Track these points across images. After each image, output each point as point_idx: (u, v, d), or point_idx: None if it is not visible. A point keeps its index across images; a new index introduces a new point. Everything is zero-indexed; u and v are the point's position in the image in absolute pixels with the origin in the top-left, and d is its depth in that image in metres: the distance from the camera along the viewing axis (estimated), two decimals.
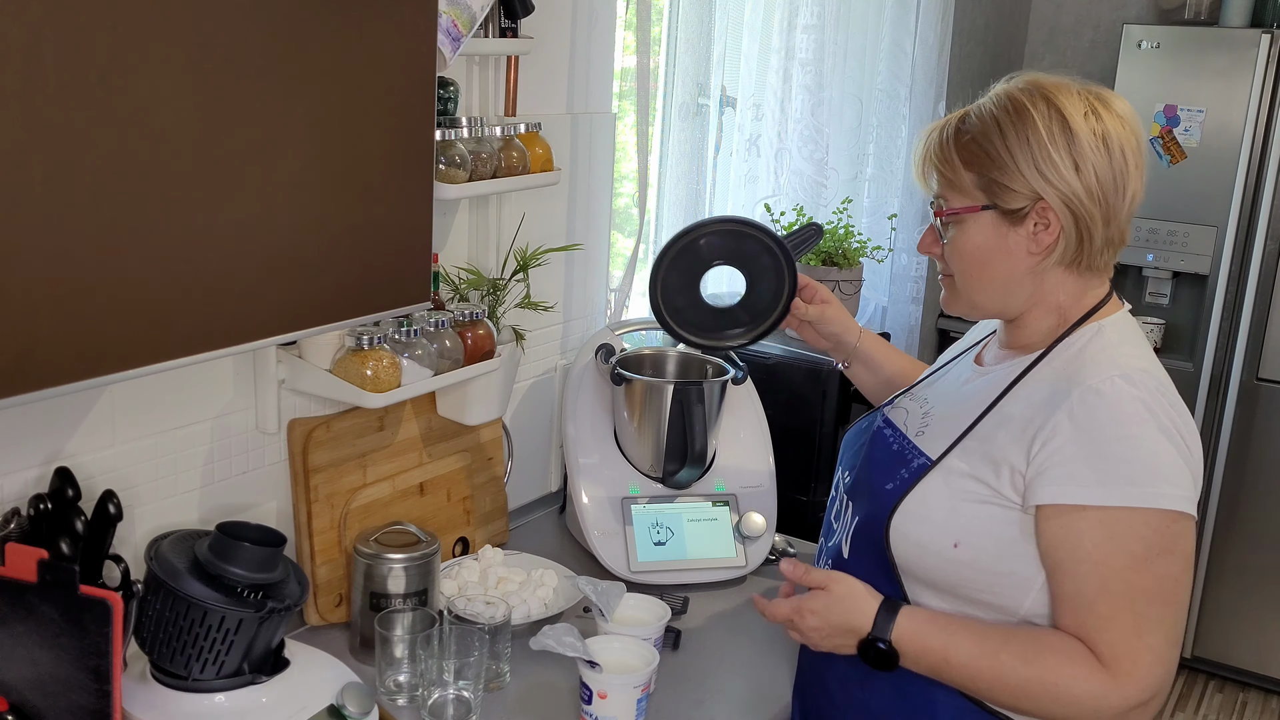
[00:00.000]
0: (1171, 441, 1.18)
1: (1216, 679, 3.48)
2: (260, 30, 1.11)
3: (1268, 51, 3.08)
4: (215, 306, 1.14)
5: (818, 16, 2.62)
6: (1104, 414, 1.18)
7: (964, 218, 1.27)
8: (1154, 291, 3.41)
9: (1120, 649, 1.17)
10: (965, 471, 1.26)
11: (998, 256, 1.27)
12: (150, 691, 1.28)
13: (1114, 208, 1.24)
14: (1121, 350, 1.24)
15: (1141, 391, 1.19)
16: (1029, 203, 1.24)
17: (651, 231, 2.40)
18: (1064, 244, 1.25)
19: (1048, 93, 1.24)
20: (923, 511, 1.27)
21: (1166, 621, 1.19)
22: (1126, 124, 1.25)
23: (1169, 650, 1.19)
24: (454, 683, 1.41)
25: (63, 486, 1.24)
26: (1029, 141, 1.22)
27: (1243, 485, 3.31)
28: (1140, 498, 1.17)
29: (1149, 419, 1.18)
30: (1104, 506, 1.17)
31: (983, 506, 1.24)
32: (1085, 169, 1.22)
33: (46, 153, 0.97)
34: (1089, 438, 1.18)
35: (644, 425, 1.86)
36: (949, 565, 1.25)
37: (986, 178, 1.25)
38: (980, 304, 1.32)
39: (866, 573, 1.32)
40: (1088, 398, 1.19)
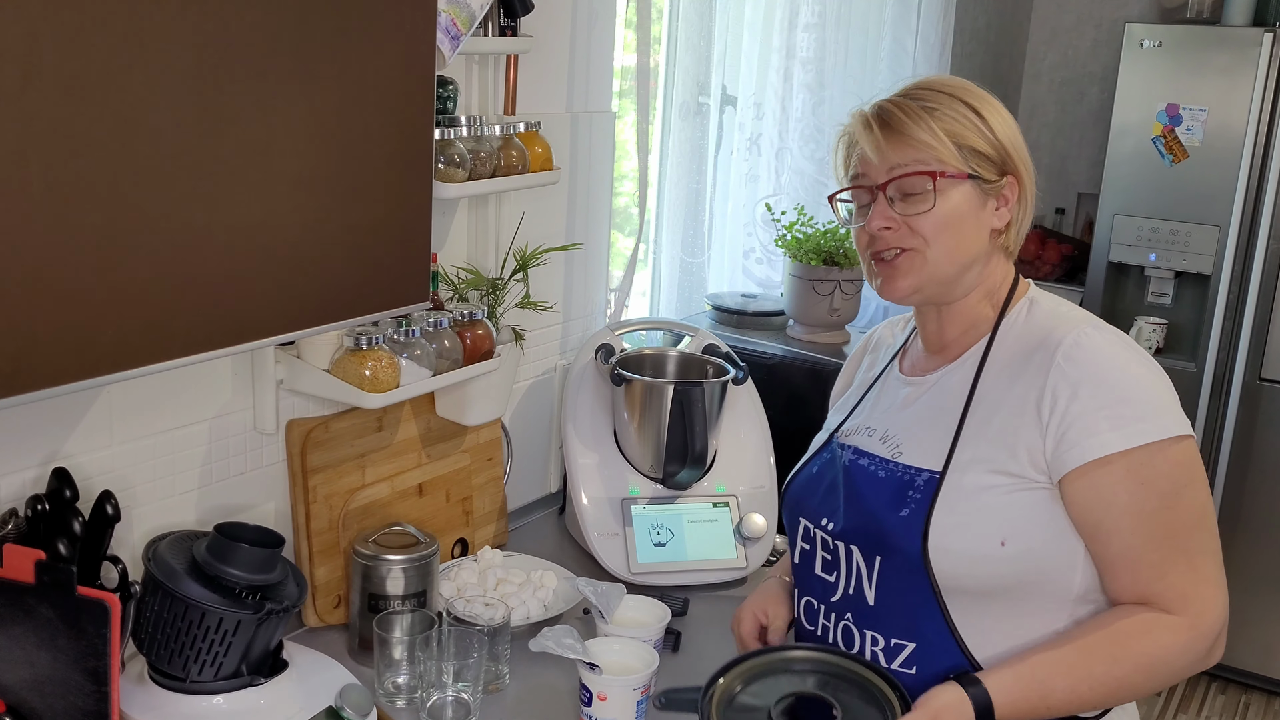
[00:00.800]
0: (1152, 372, 1.23)
1: (1219, 680, 3.48)
2: (260, 30, 1.11)
3: (1270, 50, 3.07)
4: (213, 306, 1.14)
5: (819, 15, 2.62)
6: (1092, 363, 1.21)
7: (946, 186, 1.26)
8: (1156, 291, 3.40)
9: (1187, 591, 1.20)
10: (981, 468, 1.24)
11: (970, 231, 1.28)
12: (148, 693, 1.28)
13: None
14: (1064, 309, 1.30)
15: (1110, 334, 1.25)
16: (1001, 180, 1.28)
17: (651, 231, 2.39)
18: (1019, 223, 1.31)
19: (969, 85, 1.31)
20: (956, 521, 1.24)
21: (1209, 548, 1.22)
22: None
23: (1221, 573, 1.22)
24: (453, 684, 1.40)
25: (60, 487, 1.24)
26: (1001, 123, 1.28)
27: (1245, 486, 3.30)
28: (1154, 431, 1.19)
29: (1130, 356, 1.23)
30: (1126, 451, 1.18)
31: (1013, 495, 1.23)
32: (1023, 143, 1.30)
33: (46, 153, 0.96)
34: (1089, 389, 1.20)
35: (644, 426, 1.86)
36: (1002, 565, 1.23)
37: (968, 148, 1.26)
38: (941, 279, 1.28)
39: (901, 614, 1.27)
40: (1072, 354, 1.22)
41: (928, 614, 1.26)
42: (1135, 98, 3.27)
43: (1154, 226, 3.30)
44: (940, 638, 1.26)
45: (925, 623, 1.26)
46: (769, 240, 2.63)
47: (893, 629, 1.28)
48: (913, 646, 1.27)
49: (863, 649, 1.30)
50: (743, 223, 2.64)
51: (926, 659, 1.26)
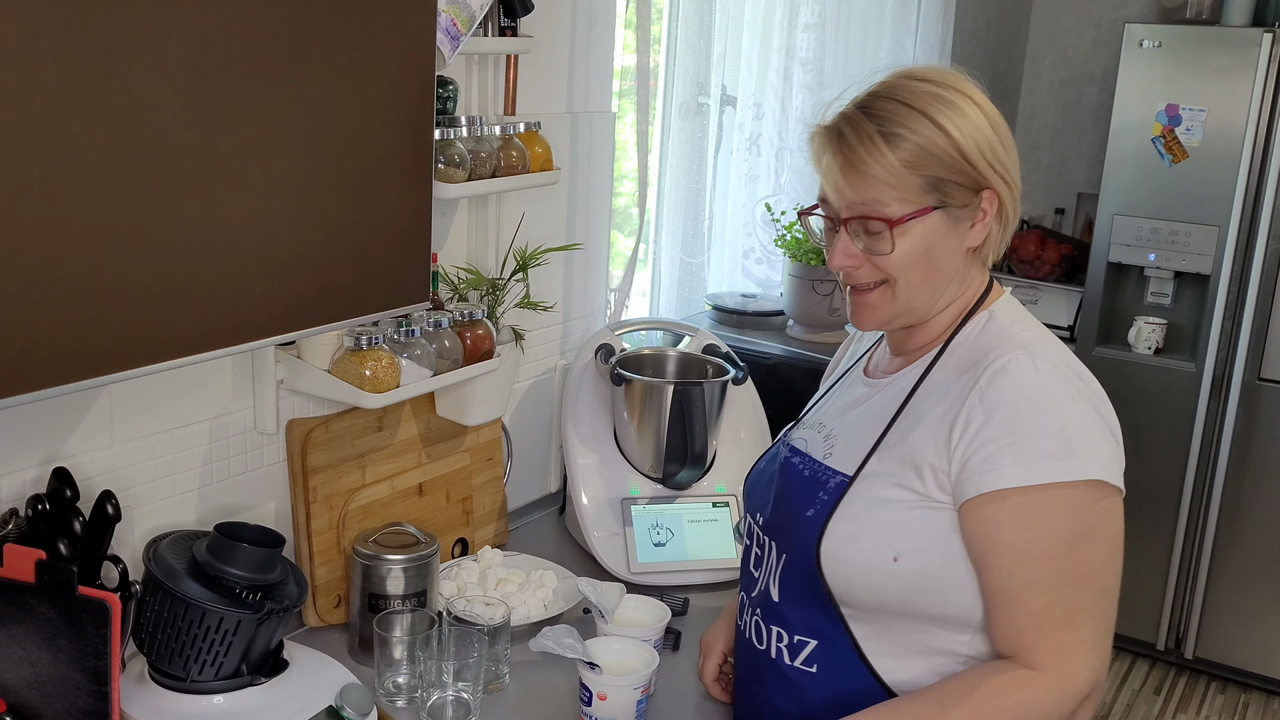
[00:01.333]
0: (1082, 410, 1.15)
1: (1218, 680, 3.48)
2: (259, 29, 1.11)
3: (1269, 50, 3.08)
4: (214, 307, 1.14)
5: (818, 15, 2.62)
6: (1012, 392, 1.14)
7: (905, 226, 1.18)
8: (1155, 291, 3.40)
9: (1058, 648, 1.13)
10: (888, 480, 1.20)
11: (942, 257, 1.21)
12: (148, 693, 1.28)
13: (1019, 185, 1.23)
14: (1015, 329, 1.22)
15: (1044, 363, 1.16)
16: (974, 196, 1.19)
17: (651, 231, 2.39)
18: (995, 232, 1.23)
19: (948, 80, 1.20)
20: (852, 529, 1.21)
21: (1098, 610, 1.15)
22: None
23: (1102, 639, 1.15)
24: (453, 684, 1.40)
25: (61, 487, 1.24)
26: (972, 135, 1.18)
27: (1244, 486, 3.30)
28: (1059, 472, 1.12)
29: (1058, 389, 1.15)
30: (1022, 488, 1.12)
31: (913, 512, 1.18)
32: (1007, 144, 1.21)
33: (46, 153, 0.96)
34: (1001, 418, 1.14)
35: (644, 426, 1.86)
36: (892, 581, 1.18)
37: (932, 176, 1.17)
38: (916, 308, 1.24)
39: (801, 612, 1.25)
40: (995, 379, 1.16)
41: (826, 617, 1.24)
42: (1135, 98, 3.27)
43: (1153, 226, 3.30)
44: (840, 641, 1.23)
45: (825, 624, 1.24)
46: (769, 240, 2.63)
47: (795, 626, 1.26)
48: (814, 644, 1.25)
49: (768, 645, 1.29)
50: (742, 223, 2.65)
51: (827, 659, 1.25)
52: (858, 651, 1.23)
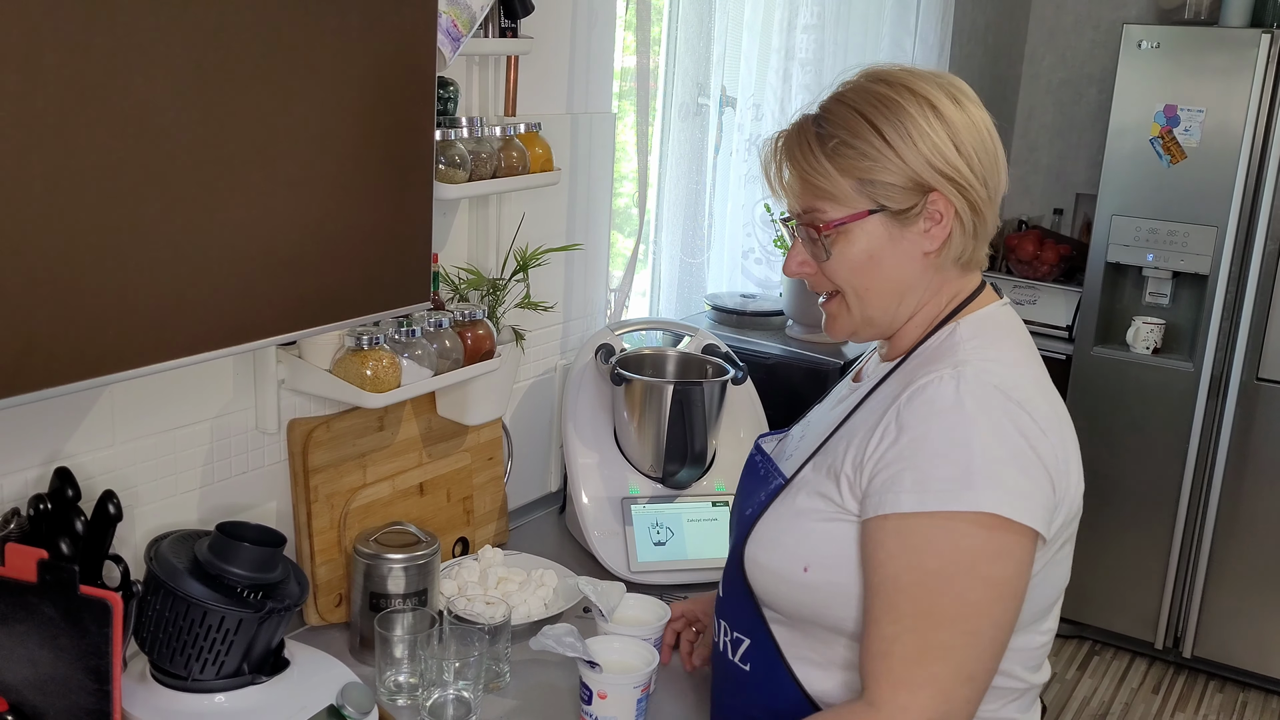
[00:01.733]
0: (1004, 444, 1.06)
1: (1217, 679, 3.48)
2: (260, 30, 1.11)
3: (1268, 51, 3.08)
4: (215, 306, 1.14)
5: (818, 16, 2.62)
6: (926, 412, 1.09)
7: (849, 228, 1.16)
8: (1154, 291, 3.41)
9: (898, 679, 1.05)
10: (812, 488, 1.17)
11: (890, 263, 1.17)
12: (150, 692, 1.28)
13: (995, 190, 1.17)
14: (968, 345, 1.14)
15: (969, 385, 1.08)
16: (919, 199, 1.15)
17: (651, 231, 2.40)
18: (958, 236, 1.16)
19: (906, 82, 1.16)
20: (772, 535, 1.19)
21: (957, 650, 1.05)
22: (983, 111, 1.19)
23: (957, 687, 1.05)
24: (454, 683, 1.41)
25: (62, 486, 1.24)
26: (908, 131, 1.13)
27: (1243, 485, 3.31)
28: (949, 500, 1.04)
29: (974, 414, 1.07)
30: (902, 514, 1.06)
31: (829, 525, 1.14)
32: (966, 151, 1.14)
33: (46, 153, 0.97)
34: (909, 439, 1.08)
35: (644, 425, 1.86)
36: (803, 591, 1.15)
37: (868, 180, 1.14)
38: (876, 318, 1.21)
39: (737, 609, 1.24)
40: (915, 396, 1.10)
41: (755, 618, 1.23)
42: (1133, 98, 3.27)
43: (1152, 227, 3.31)
44: (766, 643, 1.22)
45: (755, 625, 1.23)
46: (768, 241, 2.64)
47: (735, 623, 1.26)
48: (749, 642, 1.24)
49: (719, 638, 1.30)
50: (742, 223, 2.65)
51: (759, 658, 1.23)
52: (780, 656, 1.21)
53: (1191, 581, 3.42)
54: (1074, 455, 1.15)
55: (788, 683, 1.20)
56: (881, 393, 1.19)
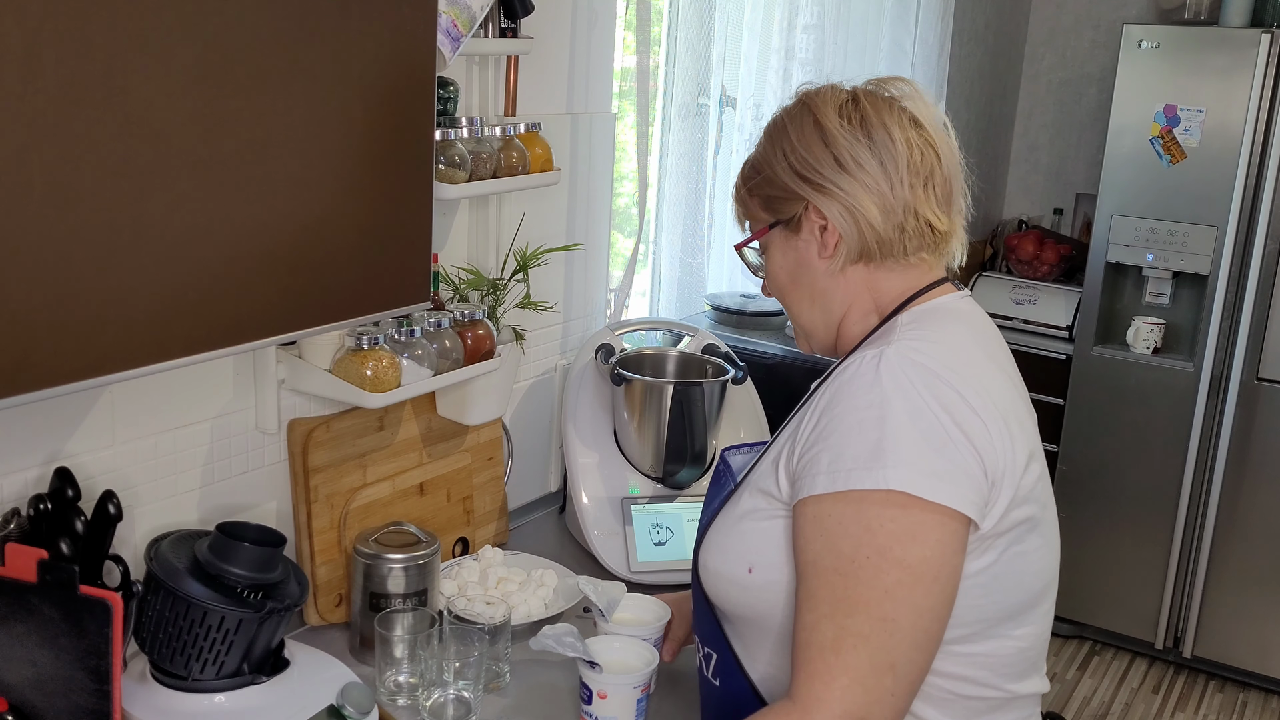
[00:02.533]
0: (919, 422, 1.03)
1: (1217, 679, 3.48)
2: (260, 30, 1.11)
3: (1268, 51, 3.08)
4: (215, 306, 1.14)
5: (818, 16, 2.62)
6: (845, 392, 1.07)
7: (765, 244, 1.23)
8: (1154, 291, 3.41)
9: (815, 670, 1.02)
10: (756, 489, 1.16)
11: (798, 271, 1.21)
12: (150, 692, 1.28)
13: (891, 190, 1.14)
14: (902, 332, 1.13)
15: (893, 370, 1.06)
16: (800, 207, 1.18)
17: (651, 231, 2.40)
18: (848, 239, 1.16)
19: (806, 98, 1.20)
20: (719, 540, 1.18)
21: (873, 641, 1.00)
22: (898, 101, 1.18)
23: (876, 677, 1.00)
24: (454, 683, 1.41)
25: (62, 487, 1.24)
26: (785, 150, 1.18)
27: (1243, 485, 3.31)
28: (860, 479, 1.02)
29: (894, 395, 1.04)
30: (817, 495, 1.04)
31: (769, 523, 1.13)
32: (845, 159, 1.15)
33: (48, 153, 0.97)
34: (827, 419, 1.07)
35: (644, 425, 1.86)
36: (748, 594, 1.14)
37: (764, 196, 1.21)
38: (808, 328, 1.24)
39: (702, 624, 1.24)
40: (838, 377, 1.10)
41: (716, 630, 1.21)
42: (1133, 98, 3.27)
43: (1152, 227, 3.31)
44: (728, 655, 1.20)
45: (717, 637, 1.22)
46: None
47: (703, 638, 1.26)
48: (716, 656, 1.23)
49: (697, 655, 1.29)
50: None
51: (726, 672, 1.21)
52: (740, 668, 1.19)
53: (1191, 581, 3.42)
54: (1020, 439, 1.09)
55: (749, 695, 1.18)
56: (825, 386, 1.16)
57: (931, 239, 1.18)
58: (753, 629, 1.17)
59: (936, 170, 1.17)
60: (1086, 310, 3.43)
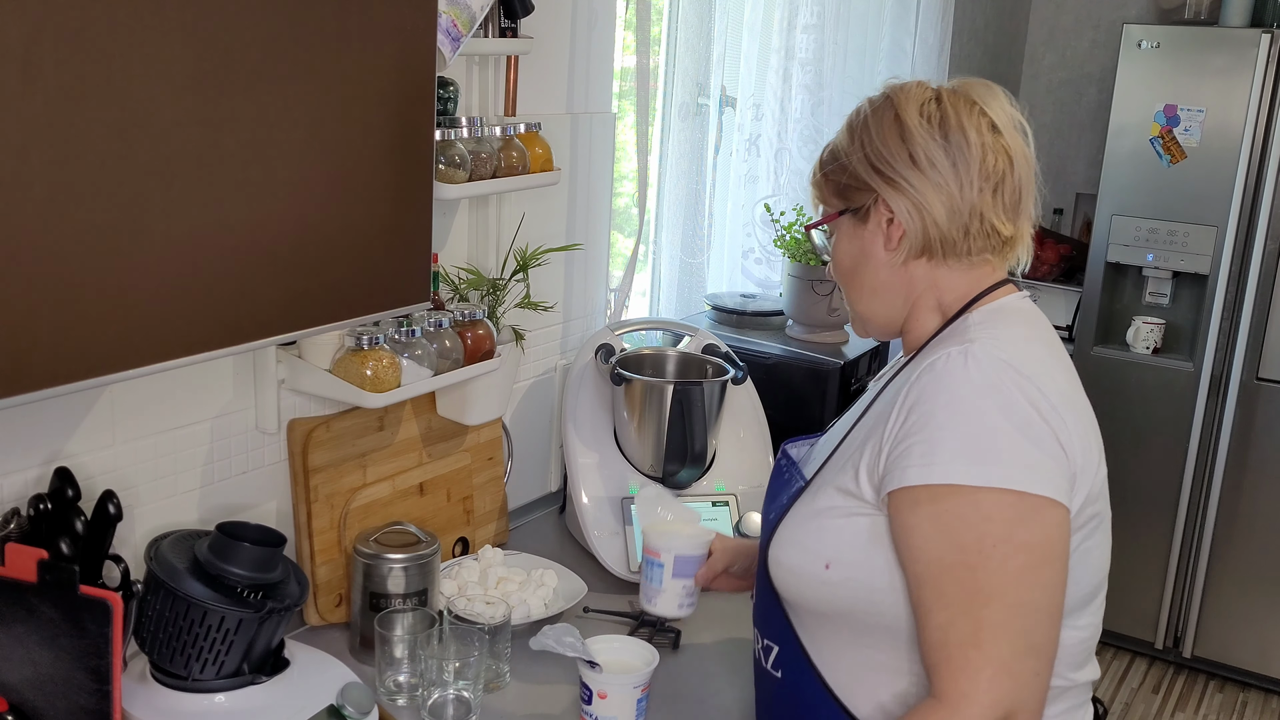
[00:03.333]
0: (1013, 418, 1.07)
1: (1217, 679, 3.48)
2: (260, 30, 1.11)
3: (1268, 51, 3.08)
4: (215, 306, 1.14)
5: (818, 16, 2.62)
6: (935, 387, 1.10)
7: (834, 229, 1.27)
8: (1154, 291, 3.41)
9: (958, 666, 1.04)
10: (832, 486, 1.18)
11: (861, 259, 1.24)
12: (150, 691, 1.28)
13: (960, 192, 1.17)
14: (978, 330, 1.16)
15: (977, 361, 1.10)
16: (870, 198, 1.21)
17: (651, 231, 2.40)
18: (911, 234, 1.19)
19: (889, 92, 1.24)
20: (793, 536, 1.20)
21: (1012, 626, 1.04)
22: (979, 105, 1.20)
23: (1020, 661, 1.04)
24: (454, 683, 1.41)
25: (62, 486, 1.24)
26: (863, 141, 1.21)
27: (1243, 485, 3.31)
28: (962, 475, 1.05)
29: (986, 392, 1.08)
30: (931, 487, 1.06)
31: (848, 520, 1.15)
32: (919, 157, 1.17)
33: (47, 153, 0.97)
34: (919, 413, 1.10)
35: (644, 425, 1.86)
36: (825, 590, 1.16)
37: (838, 184, 1.24)
38: (866, 316, 1.28)
39: (767, 615, 1.26)
40: (925, 373, 1.12)
41: (781, 622, 1.23)
42: (1133, 98, 3.27)
43: (1152, 227, 3.31)
44: (795, 648, 1.22)
45: (783, 630, 1.23)
46: (768, 241, 2.64)
47: (765, 630, 1.27)
48: (778, 649, 1.25)
49: (755, 646, 1.31)
50: (742, 223, 2.65)
51: (789, 665, 1.23)
52: (808, 661, 1.21)
53: (1191, 581, 3.42)
54: (1092, 435, 1.15)
55: (817, 688, 1.20)
56: (896, 382, 1.20)
57: (996, 242, 1.21)
58: (824, 624, 1.19)
59: (1008, 177, 1.19)
60: (1086, 310, 3.43)
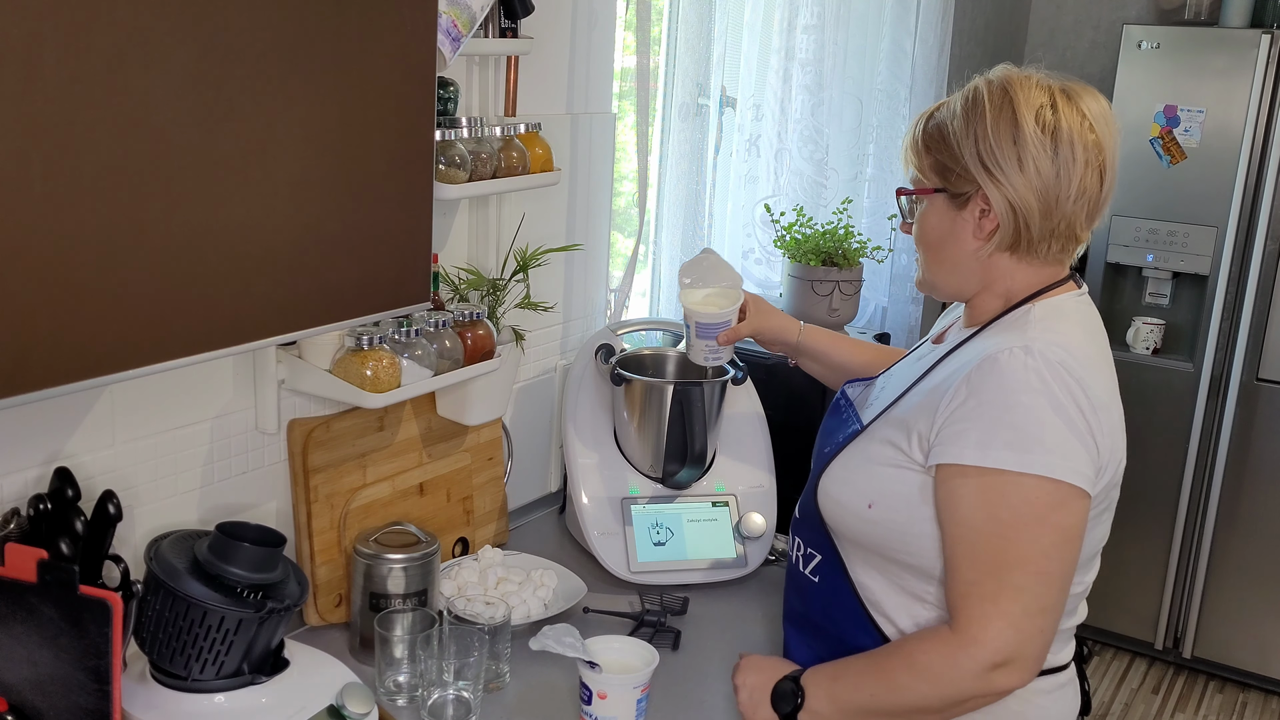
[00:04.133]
0: (1061, 415, 1.21)
1: (1216, 679, 3.48)
2: (261, 30, 1.11)
3: (1268, 52, 3.08)
4: (215, 306, 1.14)
5: (818, 17, 2.62)
6: (995, 381, 1.23)
7: (923, 199, 1.36)
8: (1154, 292, 3.41)
9: (974, 612, 1.22)
10: (884, 438, 1.32)
11: (948, 239, 1.34)
12: (150, 692, 1.28)
13: (1056, 202, 1.28)
14: (1038, 326, 1.28)
15: (1037, 363, 1.22)
16: (972, 189, 1.30)
17: (651, 231, 2.40)
18: (1003, 231, 1.30)
19: (1009, 86, 1.29)
20: (844, 474, 1.36)
21: (1028, 590, 1.21)
22: (1089, 120, 1.28)
23: (1028, 620, 1.21)
24: (454, 683, 1.41)
25: (62, 486, 1.24)
26: (977, 135, 1.28)
27: (1243, 486, 3.31)
28: (1014, 461, 1.20)
29: (1039, 390, 1.21)
30: (981, 468, 1.21)
31: (895, 470, 1.30)
32: (1027, 163, 1.26)
33: (46, 153, 0.97)
34: (978, 402, 1.23)
35: (644, 425, 1.86)
36: (866, 525, 1.33)
37: (941, 163, 1.32)
38: (937, 284, 1.40)
39: (811, 531, 1.42)
40: (984, 366, 1.24)
41: (826, 539, 1.40)
42: (1133, 99, 3.27)
43: (1152, 227, 3.31)
44: (835, 561, 1.39)
45: (825, 544, 1.40)
46: (768, 241, 2.64)
47: (808, 540, 1.43)
48: (819, 558, 1.41)
49: (793, 554, 1.47)
50: (742, 224, 2.65)
51: (827, 574, 1.40)
52: (845, 574, 1.38)
53: (1191, 582, 3.42)
54: (1119, 431, 1.31)
55: (847, 591, 1.37)
56: (958, 357, 1.32)
57: (1072, 246, 1.34)
58: (860, 549, 1.36)
59: (1099, 191, 1.30)
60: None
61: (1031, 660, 1.23)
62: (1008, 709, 1.31)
